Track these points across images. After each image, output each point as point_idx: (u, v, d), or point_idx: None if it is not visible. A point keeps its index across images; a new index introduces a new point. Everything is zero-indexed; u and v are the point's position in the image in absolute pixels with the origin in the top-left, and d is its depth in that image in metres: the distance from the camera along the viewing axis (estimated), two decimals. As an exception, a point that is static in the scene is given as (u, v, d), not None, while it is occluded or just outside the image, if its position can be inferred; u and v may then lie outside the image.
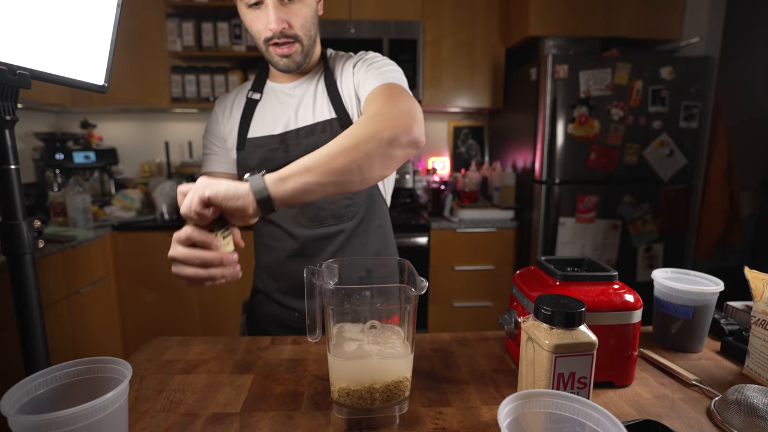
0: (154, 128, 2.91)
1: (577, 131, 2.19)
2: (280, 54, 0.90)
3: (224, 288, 2.42)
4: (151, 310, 2.41)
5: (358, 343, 0.64)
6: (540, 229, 2.29)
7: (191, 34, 2.53)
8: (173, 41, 2.52)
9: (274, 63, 0.92)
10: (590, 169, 2.22)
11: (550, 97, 2.17)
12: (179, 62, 2.68)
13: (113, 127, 2.89)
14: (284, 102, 0.99)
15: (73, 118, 2.82)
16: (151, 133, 2.91)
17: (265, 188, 0.64)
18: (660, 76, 2.18)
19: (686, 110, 2.22)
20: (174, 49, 2.54)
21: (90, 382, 0.54)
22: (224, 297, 2.43)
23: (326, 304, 0.63)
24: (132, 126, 2.91)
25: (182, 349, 0.87)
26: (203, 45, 2.56)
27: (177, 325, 2.43)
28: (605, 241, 2.29)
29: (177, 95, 2.59)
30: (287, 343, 0.89)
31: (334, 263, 0.70)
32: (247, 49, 2.55)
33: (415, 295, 0.62)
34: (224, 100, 1.06)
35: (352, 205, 0.99)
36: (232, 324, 2.46)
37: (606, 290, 0.71)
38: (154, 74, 2.53)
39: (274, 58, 0.91)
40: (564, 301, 0.58)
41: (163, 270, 2.38)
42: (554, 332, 0.55)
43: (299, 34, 0.89)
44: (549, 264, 0.78)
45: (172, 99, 2.58)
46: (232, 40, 2.55)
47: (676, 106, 2.21)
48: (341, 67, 0.99)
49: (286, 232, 0.99)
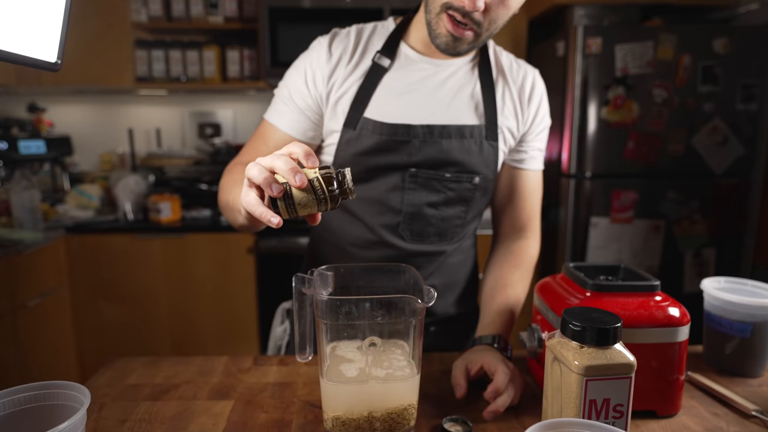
0: (116, 113, 2.92)
1: (612, 116, 2.19)
2: (450, 30, 0.83)
3: (199, 301, 2.42)
4: (112, 326, 2.41)
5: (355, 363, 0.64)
6: (568, 231, 2.29)
7: (159, 2, 2.53)
8: (137, 10, 2.53)
9: (434, 34, 0.85)
10: (628, 160, 2.22)
11: (581, 76, 2.17)
12: (145, 35, 2.69)
13: (67, 112, 2.90)
14: (419, 81, 0.92)
15: (18, 101, 2.83)
16: (112, 119, 2.92)
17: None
18: (712, 49, 2.18)
19: (744, 90, 2.22)
20: (139, 20, 2.54)
21: (40, 411, 0.54)
22: (198, 312, 2.43)
23: (318, 319, 0.63)
24: (89, 110, 2.91)
25: (149, 371, 0.87)
26: (173, 15, 2.56)
27: (143, 343, 2.44)
28: (645, 245, 2.29)
29: (142, 74, 2.59)
30: (272, 364, 0.89)
31: (327, 270, 0.71)
32: (225, 20, 2.56)
33: (422, 307, 0.62)
34: (338, 47, 0.92)
35: (463, 225, 1.00)
36: (207, 342, 2.47)
37: (646, 303, 0.71)
38: (115, 49, 2.54)
39: (438, 28, 0.84)
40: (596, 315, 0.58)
41: (127, 279, 2.38)
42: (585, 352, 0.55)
43: (484, 26, 0.83)
44: (578, 272, 0.78)
45: (136, 78, 2.59)
46: (207, 10, 2.55)
47: (731, 85, 2.20)
48: (513, 77, 0.97)
49: (380, 241, 0.95)
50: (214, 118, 2.95)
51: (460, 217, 0.98)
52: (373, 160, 0.91)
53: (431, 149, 0.90)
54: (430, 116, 0.91)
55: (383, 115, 0.90)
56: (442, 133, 0.91)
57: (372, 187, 0.93)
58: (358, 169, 0.92)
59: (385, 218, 0.95)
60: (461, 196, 0.95)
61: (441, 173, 0.92)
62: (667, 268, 2.30)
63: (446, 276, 1.02)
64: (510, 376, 0.74)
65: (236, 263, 2.42)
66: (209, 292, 2.43)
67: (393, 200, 0.93)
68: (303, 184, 0.57)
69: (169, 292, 2.42)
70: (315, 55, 0.92)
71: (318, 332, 0.64)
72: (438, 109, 0.92)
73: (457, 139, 0.91)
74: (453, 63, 0.94)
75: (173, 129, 2.95)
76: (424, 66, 0.93)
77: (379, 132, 0.89)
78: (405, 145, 0.90)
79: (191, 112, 2.94)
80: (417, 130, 0.90)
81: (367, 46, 0.93)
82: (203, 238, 2.40)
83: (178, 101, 2.93)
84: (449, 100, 0.93)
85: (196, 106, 2.95)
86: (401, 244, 0.96)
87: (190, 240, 2.40)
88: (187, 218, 2.52)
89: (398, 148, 0.90)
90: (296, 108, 0.93)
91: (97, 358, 2.41)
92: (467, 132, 0.92)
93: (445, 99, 0.92)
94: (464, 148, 0.92)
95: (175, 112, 2.95)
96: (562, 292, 0.77)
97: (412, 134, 0.90)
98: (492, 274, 1.02)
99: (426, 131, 0.90)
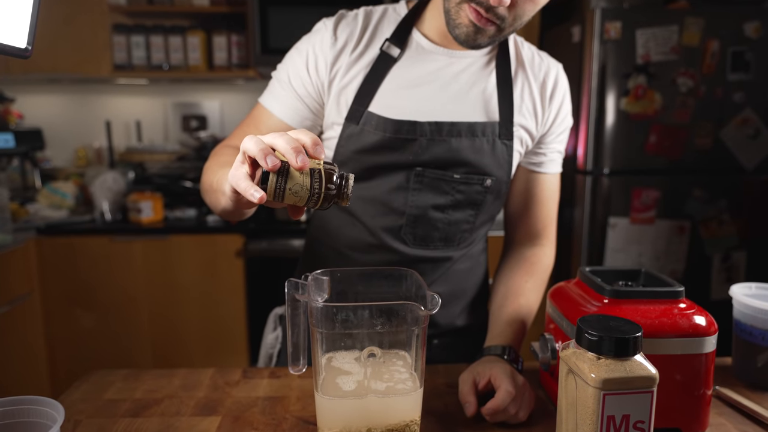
0: (92, 104, 2.92)
1: (632, 107, 2.19)
2: (472, 20, 0.81)
3: (183, 309, 2.42)
4: (87, 336, 2.41)
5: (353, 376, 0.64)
6: (584, 233, 2.29)
7: (139, -18, 2.54)
8: (116, -8, 2.53)
9: (453, 23, 0.84)
10: (649, 155, 2.22)
11: (598, 64, 2.17)
12: (123, 19, 2.69)
13: (38, 102, 2.90)
14: (431, 73, 0.92)
15: (-13, 91, 2.83)
16: (87, 111, 2.92)
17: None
18: (743, 33, 2.18)
19: (775, 79, 2.22)
20: (116, 2, 2.54)
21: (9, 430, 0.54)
22: (182, 320, 2.44)
23: (313, 327, 0.63)
24: (63, 101, 2.92)
25: (129, 385, 0.87)
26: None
27: (122, 355, 2.44)
28: (669, 248, 2.29)
29: (121, 61, 2.59)
30: (263, 377, 0.89)
31: (323, 275, 0.71)
32: (211, 2, 2.56)
33: (425, 315, 0.62)
34: (344, 31, 0.91)
35: (472, 230, 0.99)
36: (192, 353, 2.47)
37: (669, 310, 0.71)
38: (90, 35, 2.54)
39: (459, 18, 0.82)
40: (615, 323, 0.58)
41: (105, 285, 2.39)
42: (602, 363, 0.55)
43: (508, 22, 0.82)
44: (595, 276, 0.78)
45: (114, 66, 2.59)
46: (191, -9, 2.56)
47: (763, 72, 2.20)
48: (534, 72, 0.96)
49: (380, 245, 0.95)
50: (199, 110, 2.95)
51: (469, 221, 0.97)
52: (376, 158, 0.91)
53: (439, 148, 0.90)
54: (440, 112, 0.91)
55: (388, 110, 0.90)
56: (451, 130, 0.90)
57: (373, 186, 0.93)
58: (359, 167, 0.92)
59: (387, 220, 0.94)
60: (471, 199, 0.95)
61: (449, 174, 0.92)
62: (693, 273, 2.31)
63: (452, 284, 1.02)
64: (513, 396, 0.75)
65: (224, 267, 2.42)
66: (194, 298, 2.44)
67: (396, 201, 0.93)
68: (304, 166, 0.57)
69: (150, 299, 2.42)
70: (319, 38, 0.92)
71: (312, 342, 0.64)
72: (448, 105, 0.91)
73: (467, 137, 0.91)
74: (469, 54, 0.93)
75: (155, 122, 2.96)
76: (437, 57, 0.92)
77: (382, 129, 0.89)
78: (410, 143, 0.89)
79: (174, 104, 2.94)
80: (424, 128, 0.89)
81: (375, 32, 0.93)
82: (188, 240, 2.40)
83: (159, 91, 2.94)
84: (462, 95, 0.92)
85: (180, 96, 2.95)
86: (403, 249, 0.96)
87: (174, 242, 2.40)
88: (170, 218, 2.52)
89: (403, 147, 0.90)
90: (294, 94, 0.92)
91: (71, 370, 2.41)
92: (479, 130, 0.91)
93: (457, 94, 0.92)
94: (475, 147, 0.91)
95: (157, 104, 2.95)
96: (578, 299, 0.77)
97: (419, 132, 0.89)
98: (503, 282, 1.02)
99: (434, 128, 0.90)
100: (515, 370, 0.80)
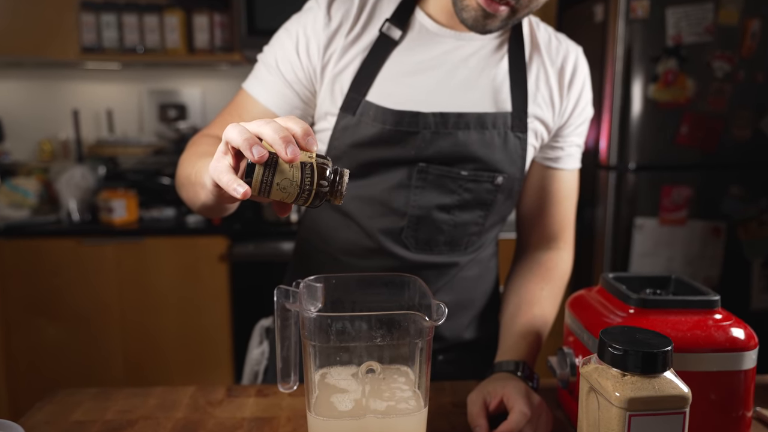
0: (58, 91, 2.92)
1: (661, 94, 2.19)
2: (481, 4, 0.81)
3: (160, 319, 2.42)
4: (52, 349, 2.41)
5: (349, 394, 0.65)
6: (607, 235, 2.29)
7: (110, -45, 2.54)
8: (84, -34, 2.53)
9: (460, 5, 0.84)
10: (681, 147, 2.22)
11: (623, 46, 2.17)
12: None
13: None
14: (436, 58, 0.92)
15: (-59, 77, 2.84)
16: (52, 98, 2.92)
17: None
18: (784, 13, 2.18)
19: (821, 63, 2.22)
20: (85, -22, 2.54)
21: (-33, 452, 0.54)
22: (159, 332, 2.44)
23: (305, 340, 0.63)
24: (24, 87, 2.91)
25: (99, 405, 0.87)
26: (127, -29, 2.56)
27: (91, 371, 2.43)
28: (703, 252, 2.29)
29: (90, 43, 2.59)
30: (249, 395, 0.89)
31: (316, 281, 0.71)
32: (190, -24, 2.56)
33: (430, 326, 0.62)
34: (338, 11, 0.91)
35: (481, 232, 1.00)
36: (170, 369, 2.47)
37: (703, 322, 0.71)
38: (55, 14, 2.53)
39: (464, 1, 0.83)
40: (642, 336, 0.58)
41: (72, 293, 2.39)
42: (628, 381, 0.55)
43: (523, 2, 0.82)
44: (620, 284, 0.78)
45: (82, 49, 2.59)
46: (169, -36, 2.56)
47: (806, 56, 2.21)
48: (552, 57, 0.96)
49: (379, 249, 0.95)
50: (178, 98, 2.95)
51: (478, 223, 0.98)
52: (374, 152, 0.91)
53: (444, 142, 0.90)
54: (445, 101, 0.91)
55: (388, 99, 0.90)
56: (458, 122, 0.90)
57: (371, 183, 0.93)
58: (355, 163, 0.92)
59: (386, 222, 0.94)
60: (480, 199, 0.95)
61: (456, 170, 0.92)
62: (730, 279, 2.31)
63: (458, 293, 1.02)
64: (528, 418, 0.75)
65: (206, 273, 2.42)
66: (173, 308, 2.44)
67: (396, 201, 0.93)
68: (294, 158, 0.56)
69: (123, 309, 2.42)
70: (311, 18, 0.92)
71: (304, 356, 0.64)
72: (455, 93, 0.91)
73: (476, 129, 0.91)
74: (479, 37, 0.93)
75: (128, 111, 2.96)
76: (444, 40, 0.92)
77: (381, 120, 0.89)
78: (412, 136, 0.89)
79: (150, 91, 2.94)
80: (428, 119, 0.89)
81: (374, 12, 0.92)
82: (165, 243, 2.40)
83: (133, 77, 2.94)
84: (470, 83, 0.92)
85: (156, 83, 2.95)
86: (404, 254, 0.96)
87: (150, 245, 2.40)
88: (145, 219, 2.52)
89: (404, 140, 0.90)
90: (283, 80, 0.92)
91: (33, 389, 2.40)
92: (489, 121, 0.91)
93: (465, 81, 0.92)
94: (485, 141, 0.91)
95: (131, 91, 2.95)
96: (600, 309, 0.77)
97: (422, 123, 0.89)
98: (515, 290, 1.02)
99: (439, 120, 0.90)
100: (530, 389, 0.80)
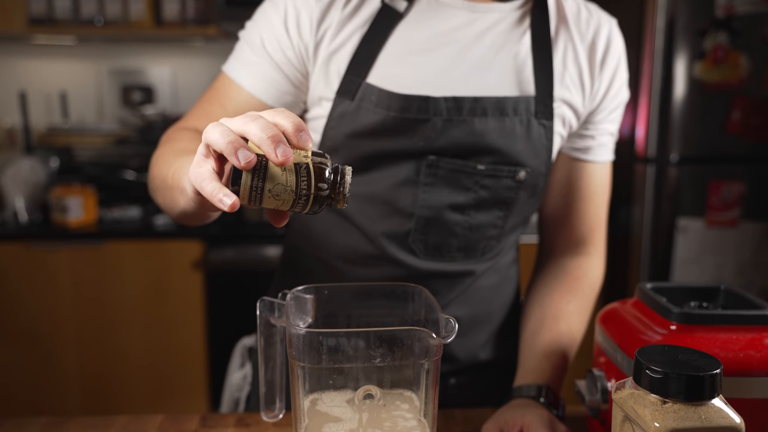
0: (1, 70, 2.92)
1: (709, 74, 2.19)
2: None
3: (123, 337, 2.42)
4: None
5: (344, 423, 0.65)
6: (644, 239, 2.29)
7: None
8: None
9: None
10: (732, 137, 2.22)
11: (664, 19, 2.17)
12: (45, -40, 2.69)
13: (-65, 69, 2.90)
14: (447, 33, 0.92)
15: None
16: (-3, 79, 2.92)
17: None
18: None
19: None
20: (36, -61, 2.54)
21: None
22: (122, 351, 2.44)
23: (293, 360, 0.63)
24: (-34, 66, 2.92)
25: (53, 436, 0.87)
26: (85, -69, 2.56)
27: (42, 397, 2.43)
28: (757, 258, 2.29)
29: (39, 14, 2.59)
30: (228, 425, 0.89)
31: (306, 292, 0.71)
32: (159, -63, 2.56)
33: (437, 344, 0.62)
34: None
35: (500, 236, 1.00)
36: (135, 395, 2.47)
37: (758, 340, 0.71)
38: (2, -20, 2.54)
39: None
40: (685, 356, 0.58)
41: (20, 305, 2.38)
42: (669, 409, 0.55)
43: None
44: (659, 295, 0.78)
45: (30, 20, 2.58)
46: (134, -76, 2.56)
47: None
48: (581, 31, 0.96)
49: (382, 255, 0.96)
50: (144, 79, 2.95)
51: (497, 225, 0.98)
52: (377, 143, 0.91)
53: (458, 131, 0.90)
54: (459, 84, 0.91)
55: (393, 82, 0.89)
56: (475, 108, 0.90)
57: (373, 180, 0.93)
58: (354, 156, 0.91)
59: (391, 224, 0.94)
60: (499, 197, 0.95)
61: (471, 164, 0.92)
62: (787, 290, 2.31)
63: (474, 306, 1.02)
64: None
65: (177, 283, 2.43)
66: (138, 323, 2.44)
67: (402, 200, 0.93)
68: (286, 161, 0.55)
69: (79, 324, 2.42)
70: None
71: (292, 379, 0.64)
72: (470, 75, 0.91)
73: (495, 117, 0.91)
74: (496, 8, 0.93)
75: (85, 94, 2.96)
76: (456, 12, 0.92)
77: (385, 106, 0.89)
78: (422, 124, 0.89)
79: (111, 70, 2.94)
80: (439, 105, 0.89)
81: None
82: (130, 248, 2.41)
83: (91, 54, 2.94)
84: (487, 62, 0.92)
85: (119, 61, 2.95)
86: (411, 261, 0.96)
87: (111, 250, 2.40)
88: (106, 220, 2.52)
89: (412, 129, 0.89)
90: (270, 61, 0.92)
91: (-22, 417, 2.42)
92: (510, 107, 0.91)
93: (481, 60, 0.92)
94: (505, 129, 0.91)
95: (88, 70, 2.95)
96: (636, 325, 0.77)
97: (433, 110, 0.89)
98: (538, 302, 1.02)
99: (451, 106, 0.89)
100: (554, 417, 0.80)
